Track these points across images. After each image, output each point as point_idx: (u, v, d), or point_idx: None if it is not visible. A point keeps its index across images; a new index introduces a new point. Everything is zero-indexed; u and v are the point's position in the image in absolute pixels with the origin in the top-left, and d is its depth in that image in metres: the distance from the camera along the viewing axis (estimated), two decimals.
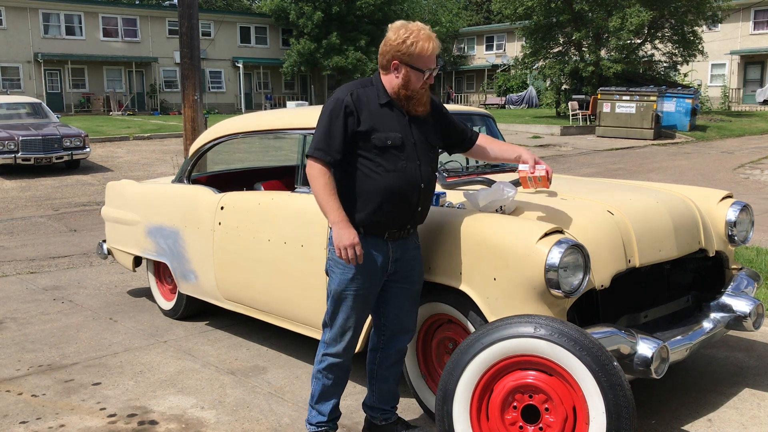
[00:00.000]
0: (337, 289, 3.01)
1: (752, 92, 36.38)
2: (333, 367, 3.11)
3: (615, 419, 2.52)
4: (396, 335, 3.16)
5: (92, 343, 4.75)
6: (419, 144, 2.98)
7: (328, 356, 3.11)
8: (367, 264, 2.94)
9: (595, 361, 2.55)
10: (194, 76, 9.30)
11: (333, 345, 3.09)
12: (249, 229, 4.16)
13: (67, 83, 35.60)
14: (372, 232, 2.95)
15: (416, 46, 2.84)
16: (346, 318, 3.03)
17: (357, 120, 2.88)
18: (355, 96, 2.90)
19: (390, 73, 2.93)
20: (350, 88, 2.95)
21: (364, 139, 2.88)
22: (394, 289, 3.09)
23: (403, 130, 2.94)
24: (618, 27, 25.65)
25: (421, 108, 2.97)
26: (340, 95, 2.92)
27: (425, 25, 2.92)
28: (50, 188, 13.16)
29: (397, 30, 2.88)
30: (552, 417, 2.66)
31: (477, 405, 2.78)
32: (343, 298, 3.01)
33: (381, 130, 2.89)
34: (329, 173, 2.89)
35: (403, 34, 2.85)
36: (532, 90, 38.85)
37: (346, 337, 3.07)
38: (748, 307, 3.52)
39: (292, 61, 38.70)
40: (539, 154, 18.11)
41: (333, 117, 2.89)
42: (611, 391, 2.53)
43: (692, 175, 13.80)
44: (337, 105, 2.89)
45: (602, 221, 3.20)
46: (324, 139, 2.89)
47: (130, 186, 5.54)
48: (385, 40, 2.91)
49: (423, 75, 2.89)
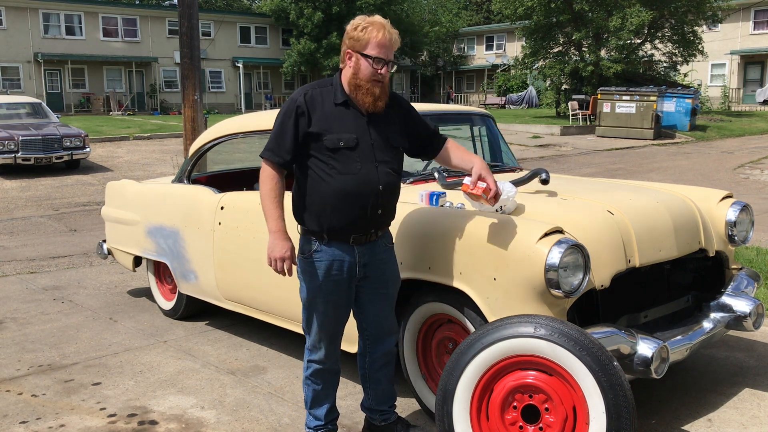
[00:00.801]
0: (307, 297, 3.00)
1: (752, 92, 36.39)
2: (319, 373, 3.10)
3: (615, 419, 2.52)
4: (379, 338, 3.15)
5: (92, 343, 4.75)
6: (377, 145, 2.88)
7: (312, 363, 3.10)
8: (333, 271, 2.91)
9: (595, 361, 2.55)
10: (194, 76, 9.31)
11: (314, 352, 3.08)
12: (249, 229, 4.16)
13: (67, 83, 35.61)
14: (335, 237, 2.90)
15: (366, 31, 2.78)
16: (321, 325, 3.01)
17: (308, 121, 2.83)
18: (309, 96, 2.85)
19: (345, 66, 2.88)
20: (305, 89, 2.90)
21: (316, 140, 2.82)
22: (368, 293, 3.04)
23: (358, 130, 2.86)
24: (618, 27, 25.65)
25: (369, 100, 2.84)
26: (295, 95, 2.89)
27: (387, 20, 2.87)
28: (50, 188, 13.16)
29: (354, 20, 2.88)
30: (552, 417, 2.66)
31: (477, 405, 2.78)
32: (313, 305, 2.99)
33: (333, 131, 2.82)
34: (278, 177, 2.87)
35: (357, 21, 2.85)
36: (532, 90, 38.86)
37: (324, 344, 3.05)
38: (748, 307, 3.52)
39: (292, 61, 38.70)
40: (539, 154, 18.12)
41: (285, 118, 2.86)
42: (611, 391, 2.53)
43: (692, 175, 13.80)
44: (290, 106, 2.86)
45: (602, 221, 3.20)
46: (275, 140, 2.87)
47: (130, 186, 5.54)
48: (344, 33, 2.89)
49: (372, 63, 2.79)
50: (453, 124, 4.60)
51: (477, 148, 4.58)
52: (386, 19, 2.89)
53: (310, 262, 2.95)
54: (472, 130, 4.59)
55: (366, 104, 2.85)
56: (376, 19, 2.84)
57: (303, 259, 2.98)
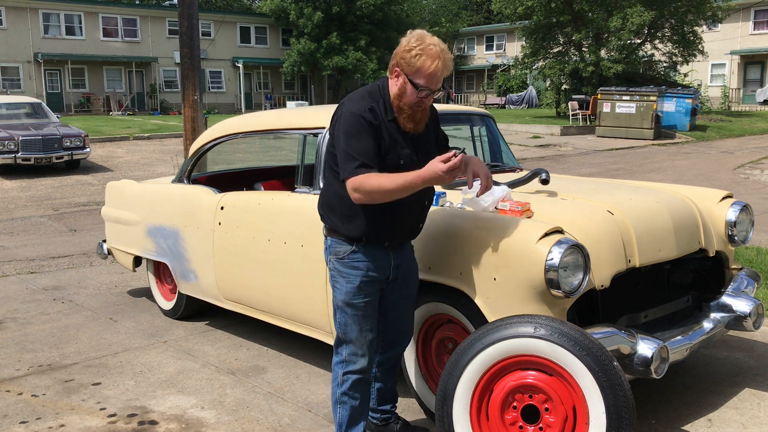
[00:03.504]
0: (345, 299, 2.88)
1: (752, 92, 36.38)
2: (359, 385, 2.94)
3: (615, 419, 2.52)
4: (396, 339, 3.15)
5: (92, 343, 4.75)
6: (423, 162, 2.76)
7: (350, 374, 2.93)
8: (371, 271, 2.87)
9: (595, 361, 2.56)
10: (194, 76, 9.30)
11: (355, 361, 2.92)
12: (249, 229, 4.16)
13: (67, 83, 35.61)
14: (373, 240, 2.86)
15: (419, 59, 2.65)
16: (361, 328, 2.89)
17: (378, 137, 2.73)
18: (373, 112, 2.73)
19: (392, 79, 2.78)
20: (366, 104, 2.74)
21: (381, 158, 2.74)
22: (393, 295, 3.03)
23: (410, 148, 2.81)
24: (618, 27, 25.65)
25: (410, 126, 2.78)
26: (355, 110, 2.71)
27: (442, 42, 2.71)
28: (50, 188, 13.16)
29: (409, 37, 2.71)
30: (552, 417, 2.66)
31: (477, 405, 2.78)
32: (353, 308, 2.88)
33: (393, 149, 2.76)
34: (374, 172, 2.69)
35: (413, 42, 2.67)
36: (532, 90, 38.86)
37: (367, 349, 2.91)
38: (748, 307, 3.52)
39: (292, 61, 38.70)
40: (539, 154, 18.12)
41: (359, 134, 2.69)
42: (611, 391, 2.53)
43: (692, 175, 13.80)
44: (359, 122, 2.70)
45: (602, 221, 3.20)
46: (360, 155, 2.67)
47: (130, 186, 5.54)
48: (399, 44, 2.75)
49: (417, 92, 2.69)
50: (453, 124, 4.59)
51: (477, 148, 4.57)
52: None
53: (346, 263, 2.88)
54: (472, 130, 4.58)
55: (407, 128, 2.79)
56: (433, 44, 2.67)
57: (338, 260, 2.90)
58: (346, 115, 2.74)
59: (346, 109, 2.76)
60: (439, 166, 2.60)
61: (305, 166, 4.08)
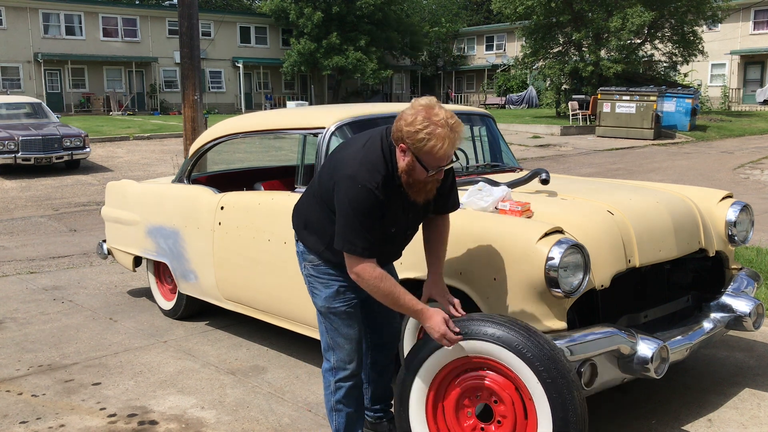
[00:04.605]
0: (326, 305, 2.84)
1: (752, 92, 36.38)
2: (352, 391, 2.91)
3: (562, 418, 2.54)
4: (387, 339, 3.15)
5: (92, 343, 4.75)
6: (414, 223, 2.80)
7: (342, 381, 2.89)
8: (349, 278, 2.76)
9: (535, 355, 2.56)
10: (194, 76, 9.30)
11: (344, 368, 2.87)
12: (249, 229, 4.16)
13: (67, 83, 35.60)
14: None
15: (427, 144, 2.42)
16: (347, 333, 2.85)
17: (382, 210, 2.59)
18: (381, 185, 2.55)
19: (399, 152, 2.55)
20: (376, 179, 2.54)
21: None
22: (377, 304, 2.94)
23: (405, 211, 2.70)
24: (618, 27, 25.65)
25: (420, 198, 2.62)
26: (367, 183, 2.53)
27: (451, 116, 2.46)
28: (50, 188, 13.16)
29: (414, 113, 2.45)
30: (505, 412, 2.70)
31: (433, 406, 2.83)
32: (336, 313, 2.84)
33: (390, 218, 2.66)
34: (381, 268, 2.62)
35: (419, 123, 2.43)
36: (532, 90, 38.86)
37: (355, 354, 2.88)
38: (748, 307, 3.53)
39: (292, 61, 38.70)
40: (539, 154, 18.11)
41: (368, 212, 2.55)
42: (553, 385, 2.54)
43: (692, 175, 13.79)
44: (370, 199, 2.53)
45: (602, 221, 3.20)
46: (363, 235, 2.56)
47: (130, 186, 5.54)
48: (401, 115, 2.51)
49: (428, 173, 2.52)
50: None
51: (477, 148, 4.57)
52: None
53: (321, 269, 2.85)
54: (472, 130, 4.58)
55: (416, 200, 2.64)
56: (441, 125, 2.42)
57: (312, 267, 2.86)
58: (358, 187, 2.53)
59: (360, 179, 2.54)
60: (441, 329, 2.60)
61: (305, 166, 4.08)
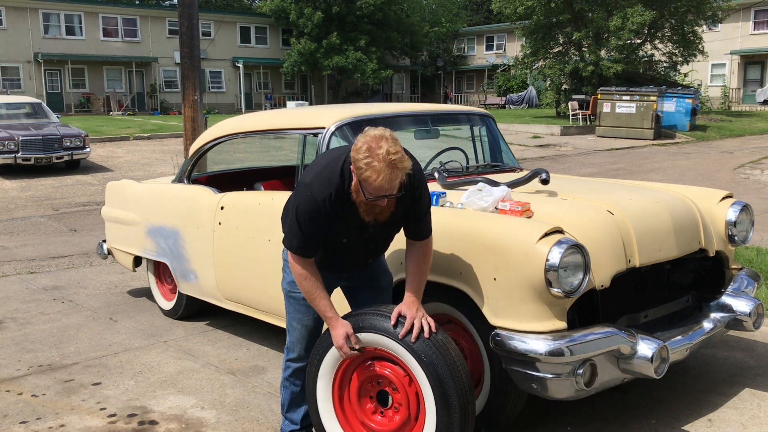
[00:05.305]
0: (288, 288, 3.06)
1: (752, 92, 36.37)
2: (298, 372, 3.12)
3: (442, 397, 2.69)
4: None
5: (92, 343, 4.75)
6: (375, 238, 2.92)
7: (291, 362, 3.12)
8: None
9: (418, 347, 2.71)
10: (194, 76, 9.31)
11: (293, 349, 3.10)
12: (249, 229, 4.16)
13: (67, 83, 35.60)
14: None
15: (364, 173, 2.54)
16: (300, 319, 3.05)
17: (327, 221, 2.74)
18: (331, 200, 2.70)
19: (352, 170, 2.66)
20: (327, 192, 2.69)
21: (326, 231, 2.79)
22: (362, 290, 3.12)
23: (362, 227, 2.79)
24: (618, 27, 25.64)
25: (370, 218, 2.73)
26: (317, 195, 2.69)
27: (395, 151, 2.53)
28: (50, 188, 13.16)
29: (364, 143, 2.56)
30: (401, 400, 2.85)
31: (339, 397, 2.99)
32: (294, 299, 3.04)
33: (342, 230, 2.79)
34: (311, 268, 2.81)
35: (362, 152, 2.54)
36: (532, 90, 38.85)
37: (304, 339, 3.07)
38: (748, 307, 3.53)
39: (292, 61, 38.69)
40: (539, 154, 18.11)
41: (311, 220, 2.72)
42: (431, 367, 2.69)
43: (692, 175, 13.79)
44: (315, 207, 2.70)
45: (602, 221, 3.20)
46: (302, 239, 2.76)
47: (130, 186, 5.54)
48: (356, 140, 2.62)
49: (365, 198, 2.63)
50: (453, 124, 4.60)
51: (477, 148, 4.57)
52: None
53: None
54: (472, 130, 4.58)
55: (365, 218, 2.75)
56: (379, 160, 2.52)
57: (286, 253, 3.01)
58: (308, 194, 2.71)
59: (312, 188, 2.70)
60: (338, 343, 2.79)
61: (305, 166, 4.07)
